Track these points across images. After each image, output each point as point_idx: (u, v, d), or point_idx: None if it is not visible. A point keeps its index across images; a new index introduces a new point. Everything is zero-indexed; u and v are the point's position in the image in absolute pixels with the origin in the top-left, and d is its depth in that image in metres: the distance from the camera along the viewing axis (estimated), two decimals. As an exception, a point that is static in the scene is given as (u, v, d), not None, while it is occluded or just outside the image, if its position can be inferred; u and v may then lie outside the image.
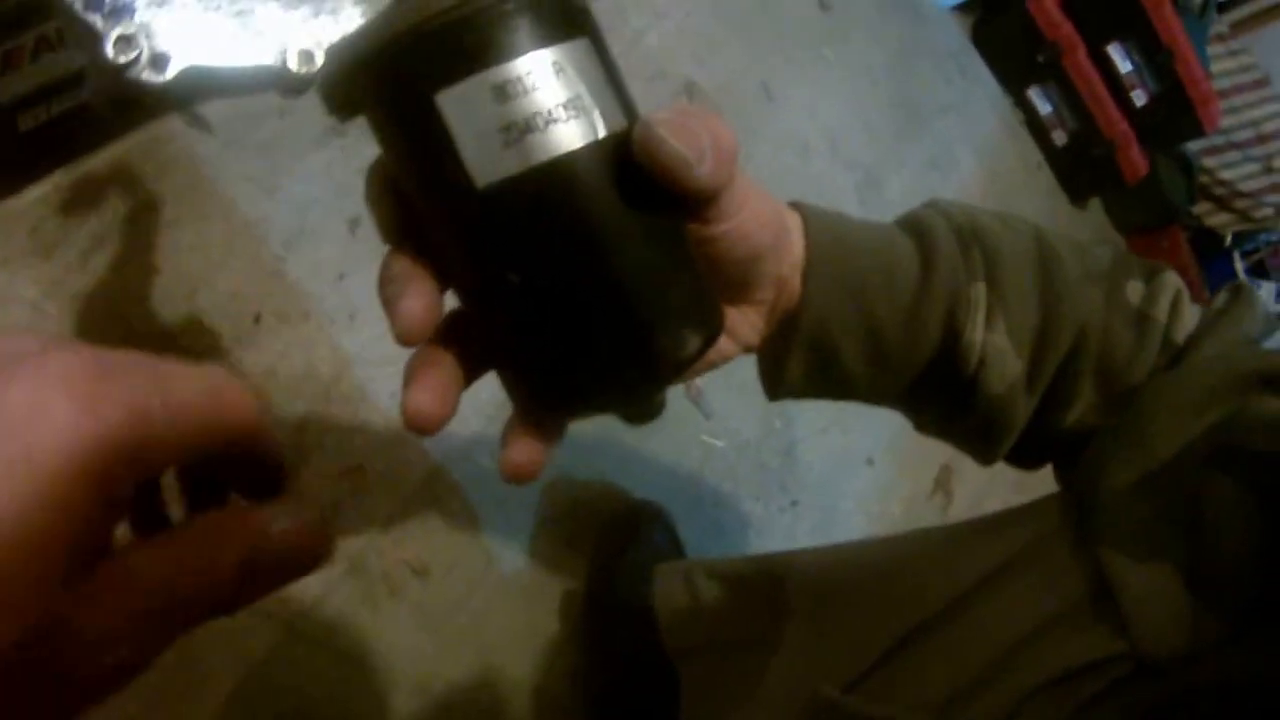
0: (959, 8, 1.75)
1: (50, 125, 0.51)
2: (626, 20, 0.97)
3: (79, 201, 0.56)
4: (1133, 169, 1.78)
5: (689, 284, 0.27)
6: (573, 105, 0.24)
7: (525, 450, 0.28)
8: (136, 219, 0.58)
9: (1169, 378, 0.38)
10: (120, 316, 0.56)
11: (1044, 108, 1.78)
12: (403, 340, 0.26)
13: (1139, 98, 1.76)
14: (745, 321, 0.35)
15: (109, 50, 0.21)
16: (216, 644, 0.55)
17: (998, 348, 0.36)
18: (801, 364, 0.36)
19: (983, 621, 0.38)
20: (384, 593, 0.64)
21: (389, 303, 0.26)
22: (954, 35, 1.70)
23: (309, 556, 0.20)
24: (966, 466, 1.06)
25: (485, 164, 0.24)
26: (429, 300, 0.26)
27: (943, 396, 0.38)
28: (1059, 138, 1.81)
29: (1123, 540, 0.35)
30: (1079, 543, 0.37)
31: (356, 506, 0.64)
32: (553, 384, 0.27)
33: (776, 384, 0.38)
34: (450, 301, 0.29)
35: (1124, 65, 1.73)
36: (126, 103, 0.24)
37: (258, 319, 0.62)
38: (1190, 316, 0.39)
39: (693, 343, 0.26)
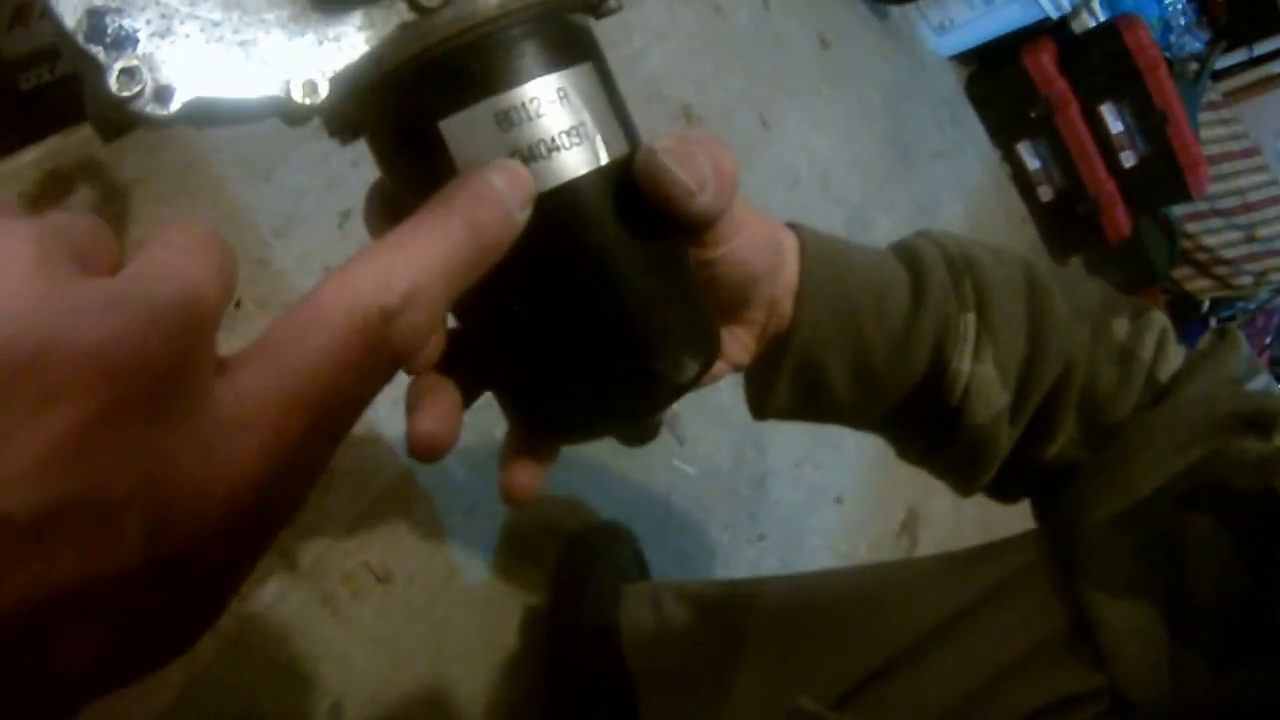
0: (957, 58, 1.80)
1: (51, 87, 0.50)
2: (630, 39, 0.99)
3: (72, 169, 0.56)
4: (1116, 228, 1.83)
5: (689, 309, 0.28)
6: (576, 132, 0.25)
7: (525, 473, 0.29)
8: (127, 192, 0.59)
9: (1152, 416, 0.38)
10: (101, 288, 0.57)
11: (1032, 163, 1.83)
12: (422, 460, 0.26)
13: (1128, 159, 1.81)
14: (736, 341, 0.36)
15: (112, 84, 0.20)
16: None
17: (984, 378, 0.37)
18: (789, 385, 0.37)
19: (961, 653, 0.39)
20: (344, 595, 0.64)
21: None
22: (950, 84, 1.75)
23: None
24: (932, 510, 1.09)
25: None
26: (449, 408, 0.27)
27: (927, 424, 0.39)
28: (1045, 193, 1.86)
29: (1102, 576, 0.36)
30: (1058, 578, 0.38)
31: (320, 505, 0.64)
32: (552, 409, 0.28)
33: (763, 404, 0.39)
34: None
35: (1115, 125, 1.78)
36: (125, 129, 0.24)
37: (238, 304, 0.62)
38: (1175, 356, 0.40)
39: (691, 367, 0.27)
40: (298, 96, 0.23)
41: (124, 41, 0.20)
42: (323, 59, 0.23)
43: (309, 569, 0.62)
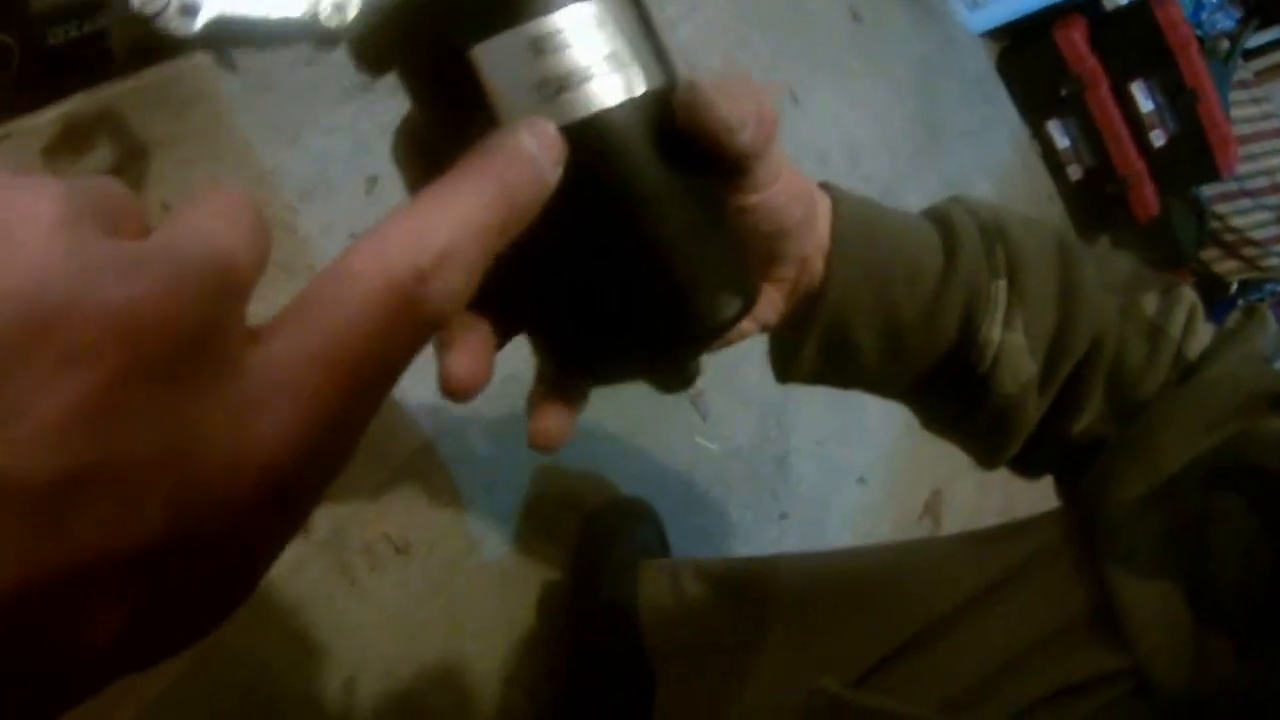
0: (989, 34, 1.77)
1: (79, 44, 0.49)
2: (662, 7, 0.98)
3: (97, 126, 0.56)
4: (1145, 208, 1.81)
5: (726, 248, 0.27)
6: (611, 61, 0.24)
7: (555, 418, 0.29)
8: (151, 151, 0.58)
9: (1179, 393, 0.38)
10: (124, 249, 0.57)
11: (1062, 141, 1.81)
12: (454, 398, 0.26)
13: (1157, 138, 1.79)
14: (765, 299, 0.35)
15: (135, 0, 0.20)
16: None
17: (1014, 347, 0.37)
18: (816, 349, 0.37)
19: (983, 632, 0.39)
20: (363, 567, 0.64)
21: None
22: (981, 60, 1.73)
23: None
24: (956, 493, 1.08)
25: (520, 118, 0.24)
26: (481, 346, 0.26)
27: (954, 392, 0.39)
28: (1074, 172, 1.84)
29: (1126, 556, 0.36)
30: (1082, 557, 0.38)
31: (343, 474, 0.64)
32: (587, 346, 0.27)
33: (788, 367, 0.38)
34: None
35: (1146, 104, 1.76)
36: (150, 50, 0.23)
37: None
38: (1204, 333, 0.40)
39: (731, 306, 0.26)
40: (324, 18, 0.22)
41: None
42: None
43: (327, 539, 0.63)
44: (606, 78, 0.24)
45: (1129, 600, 0.35)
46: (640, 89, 0.25)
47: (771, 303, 0.35)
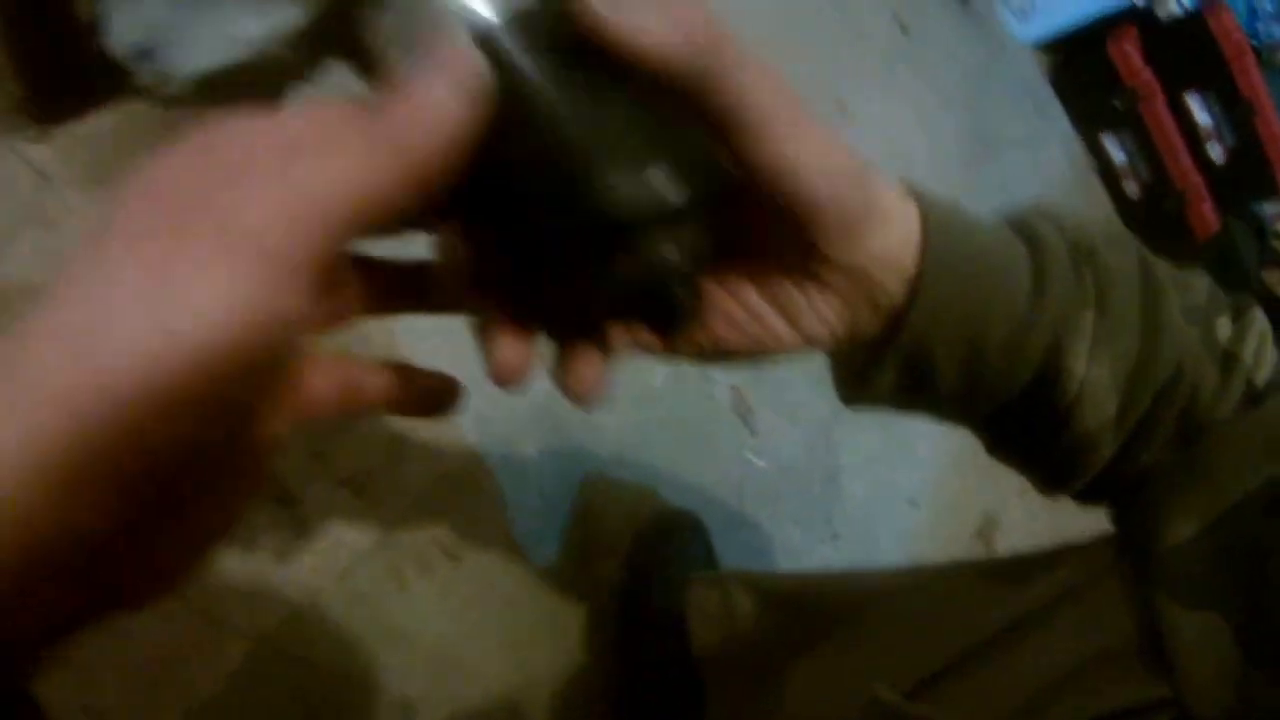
0: (1041, 46, 1.77)
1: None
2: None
3: (145, 138, 0.56)
4: (1203, 224, 1.79)
5: (655, 134, 0.25)
6: None
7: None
8: None
9: (1241, 420, 0.37)
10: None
11: (1118, 156, 1.79)
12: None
13: (1215, 152, 1.76)
14: (811, 310, 0.31)
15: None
16: (238, 605, 0.57)
17: (1098, 382, 0.35)
18: (891, 380, 0.34)
19: (1029, 655, 0.39)
20: (413, 570, 0.66)
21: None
22: (1032, 70, 1.72)
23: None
24: (1008, 517, 1.07)
25: None
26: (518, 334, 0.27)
27: (1031, 425, 0.37)
28: (1130, 189, 1.82)
29: (1177, 585, 0.35)
30: (1131, 583, 0.37)
31: (391, 477, 0.66)
32: (540, 255, 0.26)
33: (857, 393, 0.36)
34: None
35: (1202, 117, 1.74)
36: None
37: None
38: (1273, 360, 0.39)
39: (660, 184, 0.24)
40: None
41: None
42: None
43: (377, 543, 0.64)
44: None
45: (1175, 629, 0.34)
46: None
47: (820, 314, 0.32)
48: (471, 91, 0.22)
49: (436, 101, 0.21)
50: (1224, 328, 0.38)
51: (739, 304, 0.32)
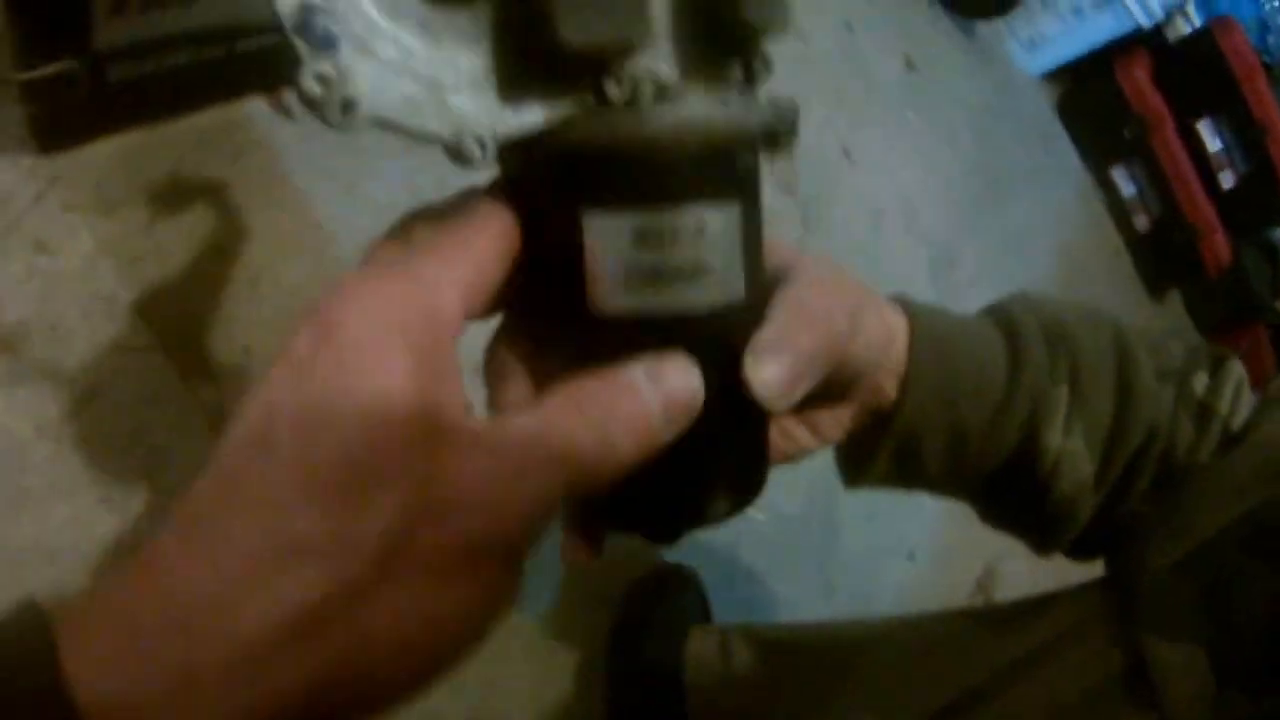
0: (1048, 77, 1.76)
1: (139, 81, 0.50)
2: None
3: (151, 166, 0.57)
4: (1216, 258, 1.77)
5: (745, 456, 0.29)
6: (702, 270, 0.25)
7: (581, 549, 0.32)
8: (206, 195, 0.60)
9: (1216, 462, 0.40)
10: (176, 290, 0.57)
11: (1127, 189, 1.79)
12: None
13: (1227, 180, 1.75)
14: (832, 419, 0.37)
15: (306, 83, 0.21)
16: None
17: (1073, 451, 0.39)
18: (886, 463, 0.39)
19: (1023, 696, 0.41)
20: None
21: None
22: (1040, 105, 1.72)
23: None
24: (1008, 569, 1.07)
25: (603, 293, 0.25)
26: None
27: (1014, 493, 0.41)
28: (1140, 223, 1.81)
29: (1159, 620, 0.38)
30: (1118, 622, 0.40)
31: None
32: (595, 503, 0.29)
33: (857, 476, 0.41)
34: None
35: (1213, 143, 1.73)
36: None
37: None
38: (1248, 404, 0.42)
39: (720, 509, 0.29)
40: (467, 148, 0.24)
41: (328, 44, 0.21)
42: (499, 118, 0.24)
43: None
44: (694, 283, 0.25)
45: (1159, 662, 0.37)
46: (719, 301, 0.26)
47: (838, 421, 0.38)
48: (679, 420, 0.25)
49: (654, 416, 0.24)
50: (1200, 382, 0.41)
51: (778, 430, 0.37)
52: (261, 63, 0.52)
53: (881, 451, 0.38)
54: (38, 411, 0.50)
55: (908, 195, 1.21)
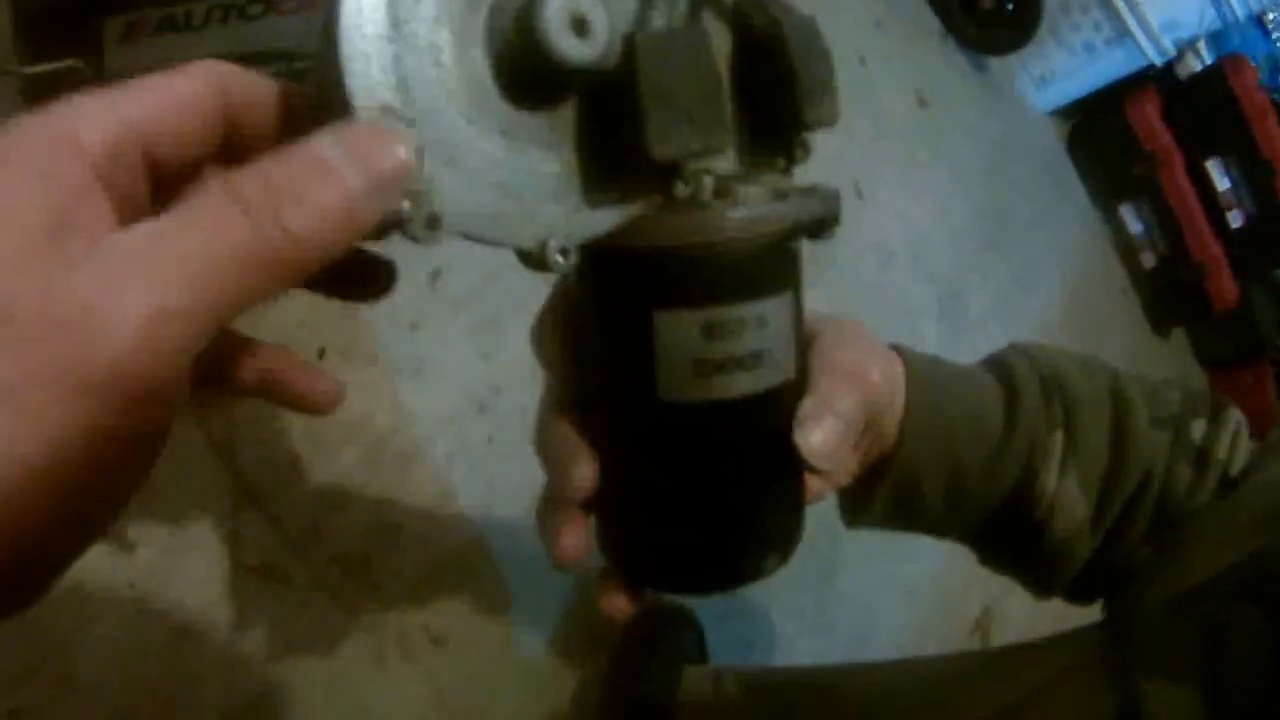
0: (1059, 112, 1.77)
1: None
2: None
3: (157, 197, 0.58)
4: (1222, 297, 1.77)
5: (792, 517, 0.32)
6: (762, 356, 0.28)
7: (617, 601, 0.33)
8: None
9: (1214, 507, 0.41)
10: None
11: (1134, 226, 1.79)
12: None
13: (1235, 219, 1.76)
14: (841, 465, 0.39)
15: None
16: (210, 678, 0.57)
17: (1068, 494, 0.40)
18: (885, 504, 0.41)
19: None
20: (396, 654, 0.66)
21: (547, 523, 0.32)
22: (1051, 142, 1.72)
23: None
24: (1008, 609, 1.07)
25: (673, 382, 0.27)
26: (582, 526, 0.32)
27: (1011, 536, 0.42)
28: (1147, 260, 1.81)
29: (1155, 662, 0.39)
30: (1114, 664, 0.41)
31: (387, 563, 0.66)
32: (644, 564, 0.32)
33: (857, 518, 0.43)
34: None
35: (1222, 182, 1.73)
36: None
37: (322, 354, 0.64)
38: (1247, 451, 0.43)
39: (771, 565, 0.31)
40: (550, 257, 0.24)
41: (416, 153, 0.21)
42: (577, 225, 0.25)
43: (366, 624, 0.64)
44: (752, 370, 0.28)
45: (1153, 704, 0.38)
46: (774, 383, 0.29)
47: (846, 468, 0.39)
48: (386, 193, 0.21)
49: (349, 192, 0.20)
50: (1198, 429, 0.42)
51: None
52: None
53: (881, 492, 0.40)
54: None
55: (918, 236, 1.21)
